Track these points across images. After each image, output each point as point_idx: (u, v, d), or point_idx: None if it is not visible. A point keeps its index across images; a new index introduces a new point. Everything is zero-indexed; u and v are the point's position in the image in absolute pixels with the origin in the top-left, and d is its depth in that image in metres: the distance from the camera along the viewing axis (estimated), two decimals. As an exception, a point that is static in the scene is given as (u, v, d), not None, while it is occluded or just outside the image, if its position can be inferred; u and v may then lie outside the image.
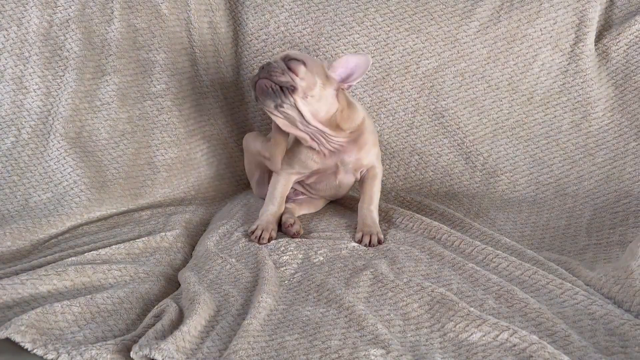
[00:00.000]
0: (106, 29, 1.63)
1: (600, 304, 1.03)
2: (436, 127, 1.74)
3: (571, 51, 1.71)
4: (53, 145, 1.55)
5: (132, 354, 0.90)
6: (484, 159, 1.71)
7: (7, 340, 0.93)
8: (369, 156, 1.44)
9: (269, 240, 1.35)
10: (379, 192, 1.46)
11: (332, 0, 1.76)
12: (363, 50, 1.74)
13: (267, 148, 1.49)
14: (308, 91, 1.31)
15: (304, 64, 1.32)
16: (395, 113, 1.75)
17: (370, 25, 1.74)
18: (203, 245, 1.36)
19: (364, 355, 0.91)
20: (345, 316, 1.02)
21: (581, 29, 1.70)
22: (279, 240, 1.36)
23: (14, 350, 0.92)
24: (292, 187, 1.51)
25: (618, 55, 1.70)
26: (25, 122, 1.55)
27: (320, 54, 1.75)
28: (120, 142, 1.63)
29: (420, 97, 1.75)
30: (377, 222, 1.42)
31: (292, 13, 1.77)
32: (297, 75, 1.30)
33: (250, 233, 1.38)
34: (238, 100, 1.84)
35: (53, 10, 1.59)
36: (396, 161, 1.75)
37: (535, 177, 1.67)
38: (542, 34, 1.71)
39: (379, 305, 1.07)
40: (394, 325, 1.01)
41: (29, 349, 0.91)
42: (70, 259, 1.23)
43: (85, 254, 1.26)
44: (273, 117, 1.35)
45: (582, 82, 1.70)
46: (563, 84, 1.71)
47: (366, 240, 1.35)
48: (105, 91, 1.62)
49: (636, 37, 1.69)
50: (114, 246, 1.30)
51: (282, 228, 1.44)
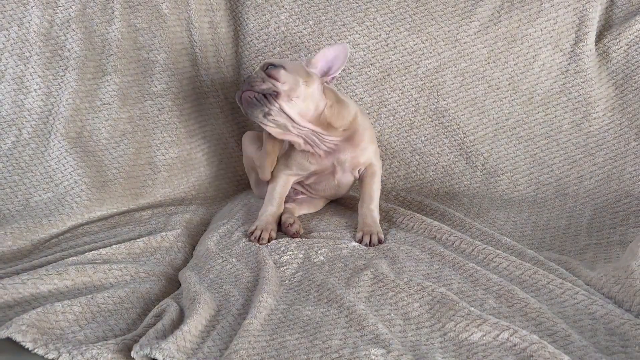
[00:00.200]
0: (107, 29, 1.63)
1: (601, 303, 1.03)
2: (437, 127, 1.74)
3: (571, 51, 1.71)
4: (54, 145, 1.55)
5: (132, 354, 0.90)
6: (484, 159, 1.71)
7: (8, 339, 0.93)
8: (366, 153, 1.43)
9: (269, 240, 1.36)
10: (379, 190, 1.46)
11: (332, 1, 1.76)
12: (363, 51, 1.74)
13: (258, 157, 1.52)
14: (291, 93, 1.31)
15: (283, 67, 1.33)
16: (395, 113, 1.75)
17: (371, 25, 1.75)
18: (203, 245, 1.36)
19: (365, 354, 0.91)
20: (346, 316, 1.02)
21: (581, 29, 1.70)
22: (280, 240, 1.36)
23: (15, 349, 0.92)
24: (291, 187, 1.51)
25: (618, 55, 1.70)
26: (26, 122, 1.55)
27: (321, 54, 1.75)
28: (120, 142, 1.63)
29: (420, 97, 1.75)
30: (378, 221, 1.42)
31: (293, 13, 1.77)
32: (277, 80, 1.31)
33: (250, 234, 1.38)
34: (238, 100, 1.84)
35: (54, 10, 1.59)
36: (397, 161, 1.75)
37: (535, 177, 1.67)
38: (542, 34, 1.71)
39: (379, 305, 1.07)
40: (395, 325, 1.01)
41: (29, 349, 0.91)
42: (71, 258, 1.23)
43: (86, 253, 1.26)
44: (265, 127, 1.36)
45: (582, 82, 1.70)
46: (563, 84, 1.71)
47: (366, 239, 1.35)
48: (105, 91, 1.63)
49: (636, 37, 1.69)
50: (114, 246, 1.30)
51: (281, 228, 1.44)
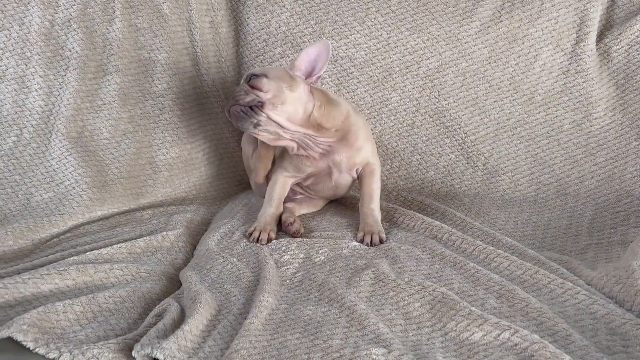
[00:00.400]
0: (108, 29, 1.63)
1: (602, 303, 1.03)
2: (437, 127, 1.74)
3: (572, 51, 1.71)
4: (55, 145, 1.55)
5: (133, 353, 0.90)
6: (485, 159, 1.71)
7: (9, 339, 0.93)
8: (362, 153, 1.42)
9: (268, 241, 1.35)
10: (378, 189, 1.45)
11: (333, 0, 1.76)
12: (364, 50, 1.74)
13: (253, 161, 1.54)
14: (276, 100, 1.31)
15: (265, 76, 1.33)
16: (396, 113, 1.75)
17: (372, 25, 1.74)
18: (204, 244, 1.36)
19: (366, 354, 0.91)
20: (347, 315, 1.02)
21: (582, 29, 1.70)
22: (280, 239, 1.36)
23: (16, 349, 0.92)
24: (290, 188, 1.51)
25: (619, 55, 1.70)
26: (27, 121, 1.55)
27: (322, 53, 1.75)
28: (121, 141, 1.63)
29: (421, 96, 1.75)
30: (379, 220, 1.41)
31: (294, 13, 1.77)
32: (260, 90, 1.32)
33: (248, 235, 1.38)
34: (239, 100, 1.84)
35: (55, 10, 1.59)
36: (397, 161, 1.75)
37: (536, 176, 1.67)
38: (543, 34, 1.71)
39: (380, 304, 1.07)
40: (396, 325, 1.01)
41: (30, 348, 0.91)
42: (71, 258, 1.23)
43: (87, 253, 1.26)
44: (258, 137, 1.38)
45: (583, 82, 1.70)
46: (564, 84, 1.71)
47: (367, 239, 1.34)
48: (106, 91, 1.63)
49: (637, 36, 1.69)
50: (115, 245, 1.30)
51: (282, 227, 1.44)
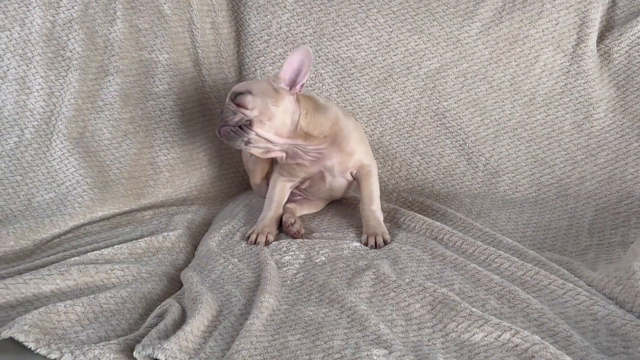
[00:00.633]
0: (109, 30, 1.63)
1: (603, 304, 1.03)
2: (438, 128, 1.74)
3: (573, 52, 1.71)
4: (56, 146, 1.55)
5: (135, 354, 0.91)
6: (485, 160, 1.71)
7: (11, 339, 0.93)
8: (354, 156, 1.41)
9: (266, 244, 1.35)
10: (377, 189, 1.44)
11: (334, 1, 1.76)
12: (365, 51, 1.74)
13: (250, 162, 1.56)
14: (263, 117, 1.31)
15: (249, 92, 1.33)
16: (397, 114, 1.75)
17: (373, 26, 1.75)
18: (205, 245, 1.37)
19: (367, 355, 0.91)
20: (348, 316, 1.02)
21: (583, 30, 1.70)
22: (281, 240, 1.36)
23: (17, 349, 0.92)
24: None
25: (620, 56, 1.70)
26: (28, 122, 1.55)
27: (323, 54, 1.75)
28: (122, 142, 1.63)
29: (422, 97, 1.75)
30: (382, 221, 1.41)
31: (294, 14, 1.77)
32: (246, 108, 1.32)
33: (246, 238, 1.38)
34: (240, 100, 1.84)
35: (56, 10, 1.59)
36: (398, 162, 1.75)
37: (537, 177, 1.67)
38: (544, 35, 1.71)
39: (381, 305, 1.07)
40: (396, 326, 1.01)
41: (32, 349, 0.92)
42: (73, 258, 1.23)
43: (88, 253, 1.26)
44: (251, 152, 1.39)
45: (584, 83, 1.70)
46: (565, 85, 1.71)
47: (371, 241, 1.33)
48: (107, 91, 1.63)
49: (638, 37, 1.69)
50: (116, 246, 1.31)
51: (283, 228, 1.44)
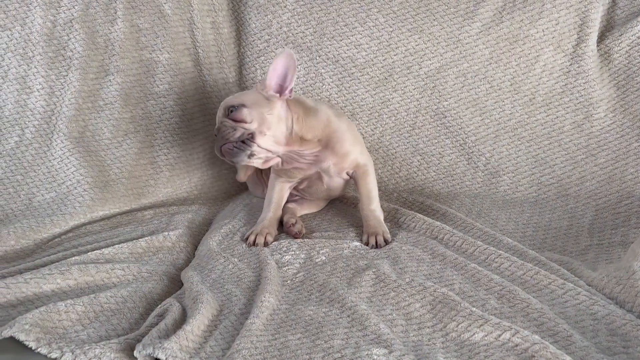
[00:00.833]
0: (109, 29, 1.63)
1: (603, 304, 1.04)
2: (438, 128, 1.74)
3: (573, 52, 1.71)
4: (56, 145, 1.55)
5: (135, 353, 0.91)
6: (486, 160, 1.71)
7: (11, 338, 0.93)
8: (349, 157, 1.40)
9: (265, 245, 1.35)
10: (375, 188, 1.44)
11: (334, 1, 1.76)
12: (365, 51, 1.74)
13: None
14: (263, 128, 1.28)
15: (243, 105, 1.30)
16: (397, 114, 1.75)
17: (373, 26, 1.75)
18: (206, 244, 1.37)
19: (367, 354, 0.91)
20: (348, 316, 1.03)
21: (583, 30, 1.70)
22: (281, 240, 1.36)
23: (18, 349, 0.92)
24: None
25: (620, 56, 1.70)
26: (28, 121, 1.55)
27: (323, 54, 1.75)
28: (123, 141, 1.63)
29: (422, 97, 1.75)
30: (382, 220, 1.41)
31: (295, 13, 1.77)
32: (245, 121, 1.28)
33: (245, 239, 1.38)
34: (240, 100, 1.84)
35: (56, 10, 1.59)
36: (398, 162, 1.75)
37: (537, 177, 1.67)
38: (544, 35, 1.71)
39: (381, 305, 1.07)
40: (397, 325, 1.01)
41: (32, 348, 0.92)
42: (73, 258, 1.24)
43: (89, 253, 1.26)
44: (252, 164, 1.35)
45: (584, 83, 1.70)
46: (565, 85, 1.71)
47: (372, 241, 1.34)
48: (108, 91, 1.63)
49: (638, 37, 1.69)
50: (117, 245, 1.31)
51: (284, 228, 1.44)
